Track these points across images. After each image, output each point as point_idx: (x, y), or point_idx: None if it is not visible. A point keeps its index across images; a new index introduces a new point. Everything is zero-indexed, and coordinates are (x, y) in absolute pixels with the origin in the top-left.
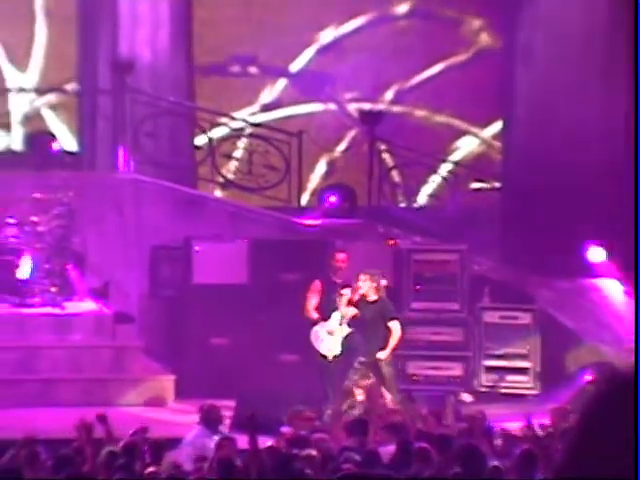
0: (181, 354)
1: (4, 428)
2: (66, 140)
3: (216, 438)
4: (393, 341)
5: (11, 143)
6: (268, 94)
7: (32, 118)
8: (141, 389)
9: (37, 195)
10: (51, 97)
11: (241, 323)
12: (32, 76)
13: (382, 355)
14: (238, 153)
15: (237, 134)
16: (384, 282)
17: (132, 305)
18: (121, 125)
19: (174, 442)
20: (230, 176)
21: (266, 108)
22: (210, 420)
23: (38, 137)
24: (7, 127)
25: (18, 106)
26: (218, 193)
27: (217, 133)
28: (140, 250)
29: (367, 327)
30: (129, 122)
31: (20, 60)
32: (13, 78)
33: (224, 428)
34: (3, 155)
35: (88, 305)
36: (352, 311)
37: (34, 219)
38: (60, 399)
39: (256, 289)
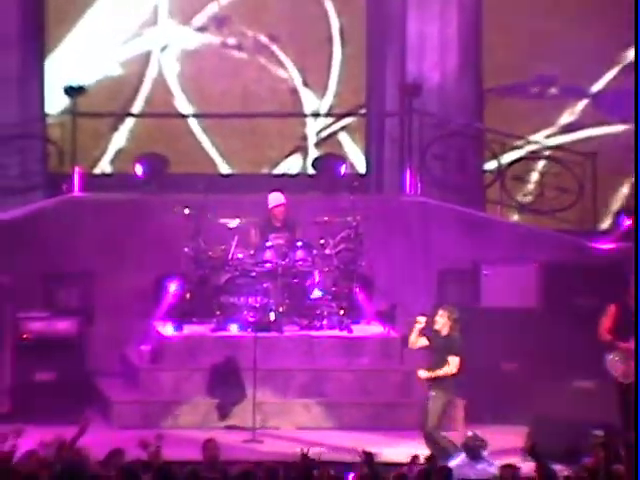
0: (470, 378)
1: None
2: (356, 163)
3: (479, 467)
4: (443, 371)
5: (306, 167)
6: (569, 115)
7: (326, 141)
8: None
9: (325, 218)
10: (345, 120)
11: (532, 348)
12: (327, 100)
13: (422, 374)
14: (530, 175)
15: (531, 156)
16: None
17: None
18: (408, 147)
19: None
20: (520, 198)
21: (565, 130)
22: (472, 448)
23: (327, 160)
24: (304, 151)
25: (314, 130)
26: (511, 216)
27: (507, 155)
28: (427, 273)
29: (432, 359)
30: (416, 144)
31: (315, 84)
32: (310, 102)
33: (487, 455)
34: (296, 178)
35: (375, 328)
36: (423, 342)
37: (322, 242)
38: (347, 422)
39: (547, 313)
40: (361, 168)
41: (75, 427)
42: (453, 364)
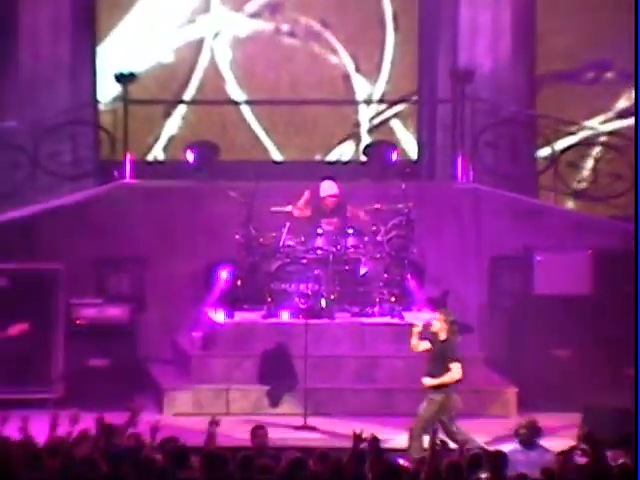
0: (523, 365)
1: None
2: (408, 150)
3: (533, 454)
4: (447, 378)
5: (358, 154)
6: (625, 100)
7: (379, 128)
8: (482, 400)
9: (377, 205)
10: (397, 107)
11: (584, 335)
12: (380, 86)
13: (427, 381)
14: (585, 162)
15: (585, 142)
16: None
17: (470, 316)
18: (460, 134)
19: None
20: (574, 185)
21: (621, 115)
22: (525, 435)
23: (378, 147)
24: (357, 138)
25: (366, 117)
26: (565, 203)
27: (561, 142)
28: (479, 260)
29: (431, 364)
30: (468, 131)
31: (368, 70)
32: (362, 89)
33: (543, 442)
34: (348, 165)
35: (427, 315)
36: (426, 345)
37: (373, 229)
38: (399, 409)
39: (601, 300)
40: (413, 155)
41: (127, 413)
42: (456, 370)
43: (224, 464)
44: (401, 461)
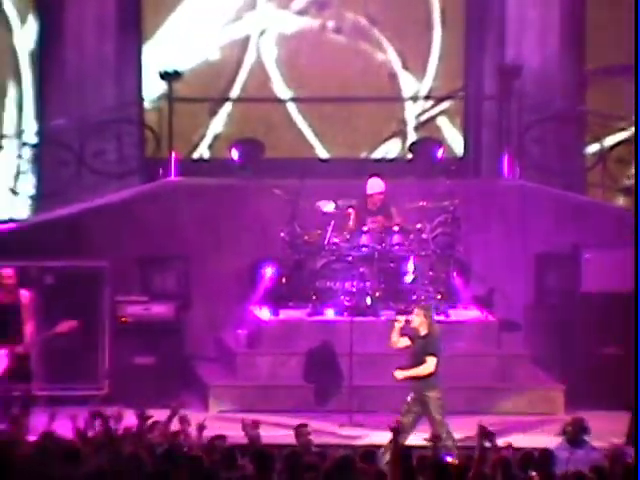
0: (570, 363)
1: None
2: (454, 147)
3: (580, 452)
4: (418, 371)
5: (404, 151)
6: None
7: (425, 125)
8: (528, 398)
9: (422, 203)
10: (444, 104)
11: (632, 333)
12: (426, 83)
13: (398, 374)
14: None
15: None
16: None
17: (516, 313)
18: (506, 131)
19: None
20: (624, 182)
21: None
22: (572, 433)
23: (424, 144)
24: (403, 135)
25: (413, 114)
26: (614, 199)
27: (610, 137)
28: (525, 257)
29: (412, 360)
30: (515, 128)
31: (414, 67)
32: (408, 86)
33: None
34: (393, 162)
35: (472, 313)
36: (405, 342)
37: (418, 227)
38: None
39: None
40: (459, 152)
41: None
42: (431, 363)
43: (272, 462)
44: (449, 459)
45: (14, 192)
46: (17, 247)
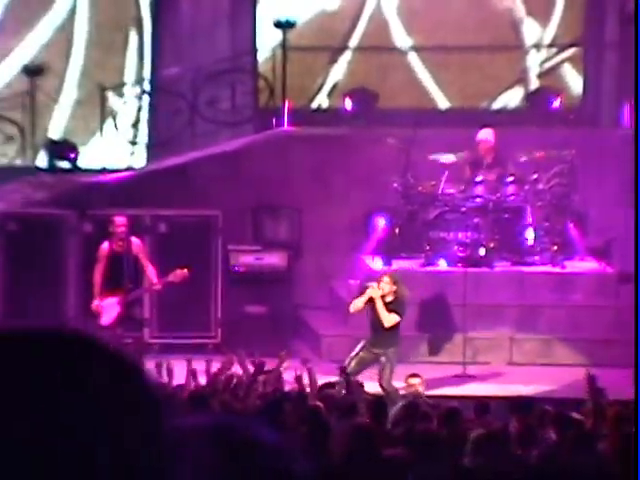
0: None
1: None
2: (575, 96)
3: None
4: (384, 316)
5: (522, 100)
6: None
7: (546, 74)
8: None
9: (537, 152)
10: (567, 52)
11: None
12: (550, 31)
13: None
14: None
15: None
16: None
17: (633, 265)
18: (626, 80)
19: None
20: None
21: None
22: None
23: (541, 93)
24: (525, 84)
25: (536, 62)
26: None
27: None
28: None
29: (374, 327)
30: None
31: (539, 14)
32: (532, 33)
33: None
34: (510, 112)
35: (589, 264)
36: (359, 305)
37: (534, 177)
38: (558, 358)
39: None
40: (577, 101)
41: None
42: (392, 318)
43: (386, 411)
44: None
45: (134, 142)
46: (131, 196)
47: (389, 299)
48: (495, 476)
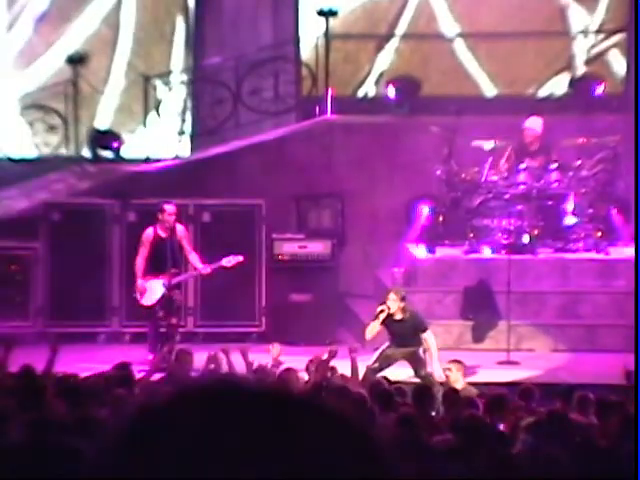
0: None
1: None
2: (618, 82)
3: None
4: (435, 352)
5: (566, 88)
6: None
7: (592, 61)
8: None
9: (581, 139)
10: (613, 38)
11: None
12: (598, 16)
13: (437, 371)
14: None
15: None
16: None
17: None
18: None
19: None
20: None
21: None
22: None
23: (585, 80)
24: (571, 70)
25: (583, 48)
26: None
27: None
28: None
29: (400, 342)
30: None
31: (586, 0)
32: (579, 19)
33: None
34: (554, 99)
35: (633, 250)
36: (375, 330)
37: (577, 163)
38: (603, 344)
39: None
40: (622, 87)
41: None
42: (431, 339)
43: (431, 399)
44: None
45: (181, 132)
46: (174, 185)
47: (398, 317)
48: (544, 461)
